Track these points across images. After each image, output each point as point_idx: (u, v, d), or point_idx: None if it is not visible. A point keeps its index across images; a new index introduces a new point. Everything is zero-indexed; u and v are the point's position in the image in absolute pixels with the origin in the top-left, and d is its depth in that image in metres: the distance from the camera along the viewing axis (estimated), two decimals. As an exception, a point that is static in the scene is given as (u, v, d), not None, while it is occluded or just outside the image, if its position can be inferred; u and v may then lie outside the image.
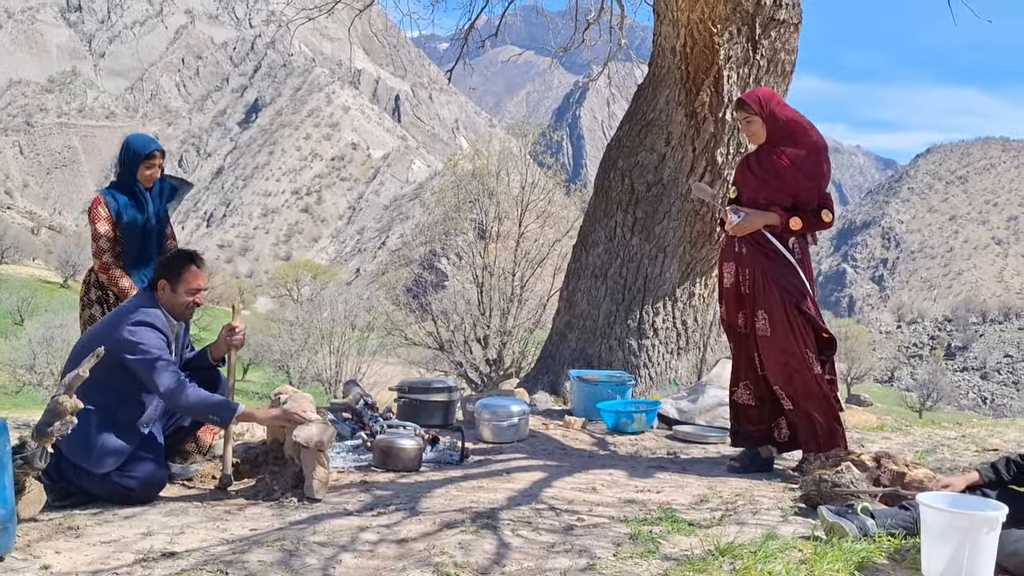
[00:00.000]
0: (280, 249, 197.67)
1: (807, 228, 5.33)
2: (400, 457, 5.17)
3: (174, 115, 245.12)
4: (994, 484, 3.83)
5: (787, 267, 5.30)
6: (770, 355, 5.37)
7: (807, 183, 5.31)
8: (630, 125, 8.46)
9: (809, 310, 5.30)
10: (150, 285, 4.59)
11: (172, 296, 4.52)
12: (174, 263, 4.57)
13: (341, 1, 11.64)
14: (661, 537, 3.73)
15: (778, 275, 5.29)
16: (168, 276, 4.52)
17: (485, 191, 29.34)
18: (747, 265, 5.39)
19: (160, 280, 4.53)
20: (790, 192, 5.32)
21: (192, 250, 4.74)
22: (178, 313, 4.57)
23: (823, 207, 5.33)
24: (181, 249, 4.86)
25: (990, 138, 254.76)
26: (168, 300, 4.53)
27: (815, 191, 5.32)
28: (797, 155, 5.32)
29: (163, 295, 4.52)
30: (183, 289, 4.52)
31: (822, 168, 5.34)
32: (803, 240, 5.39)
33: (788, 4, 7.69)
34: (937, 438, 7.55)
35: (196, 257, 4.64)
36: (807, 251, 5.44)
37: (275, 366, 44.82)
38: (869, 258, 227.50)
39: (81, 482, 4.27)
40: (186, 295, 4.53)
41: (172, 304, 4.53)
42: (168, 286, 4.51)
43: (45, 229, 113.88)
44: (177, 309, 4.55)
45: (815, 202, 5.33)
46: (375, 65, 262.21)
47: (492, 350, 26.76)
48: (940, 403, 60.53)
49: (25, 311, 49.62)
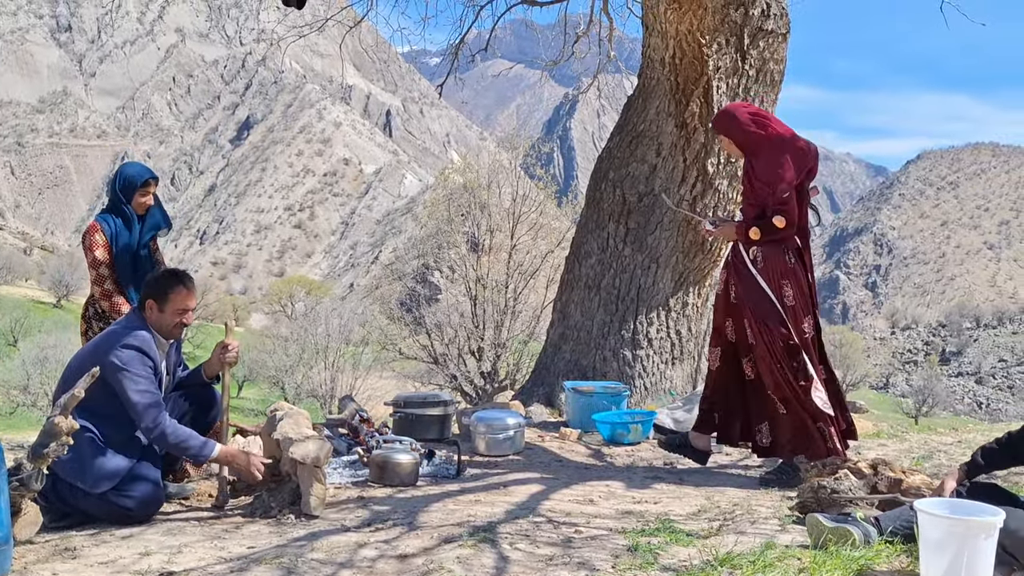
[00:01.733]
0: (273, 265, 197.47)
1: (766, 237, 5.37)
2: (397, 472, 5.16)
3: (166, 133, 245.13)
4: (974, 474, 3.89)
5: (750, 279, 5.42)
6: (757, 362, 5.46)
7: (765, 190, 5.40)
8: (620, 136, 8.48)
9: (766, 322, 5.37)
10: (139, 304, 4.59)
11: (160, 316, 4.51)
12: (162, 283, 4.55)
13: (331, 19, 11.68)
14: (659, 548, 3.72)
15: (744, 288, 5.43)
16: (156, 296, 4.50)
17: (477, 204, 29.36)
18: (732, 275, 5.53)
19: (148, 300, 4.51)
20: (757, 202, 5.43)
21: (181, 270, 4.72)
22: (165, 333, 4.56)
23: (777, 212, 5.34)
24: (170, 269, 4.82)
25: (980, 143, 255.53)
26: (156, 320, 4.51)
27: (771, 197, 5.37)
28: (756, 165, 5.45)
29: (151, 315, 4.51)
30: (170, 310, 4.51)
31: (775, 172, 5.37)
32: (771, 247, 5.42)
33: (776, 14, 7.73)
34: (933, 444, 7.57)
35: (185, 278, 4.62)
36: (778, 258, 5.43)
37: (270, 382, 44.77)
38: (862, 265, 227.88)
39: (78, 503, 4.26)
40: (173, 316, 4.52)
41: (159, 324, 4.52)
42: (156, 306, 4.50)
43: (37, 249, 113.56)
44: (164, 329, 4.54)
45: (771, 207, 5.36)
46: (366, 80, 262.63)
47: (486, 363, 26.73)
48: (936, 409, 60.58)
49: (18, 332, 49.51)
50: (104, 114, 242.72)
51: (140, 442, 4.45)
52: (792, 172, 5.38)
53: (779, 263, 5.41)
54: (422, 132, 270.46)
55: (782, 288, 5.37)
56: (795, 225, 5.38)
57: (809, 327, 5.47)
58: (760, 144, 5.48)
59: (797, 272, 5.45)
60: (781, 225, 5.30)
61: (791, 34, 7.98)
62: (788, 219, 5.31)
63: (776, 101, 8.15)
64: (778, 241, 5.39)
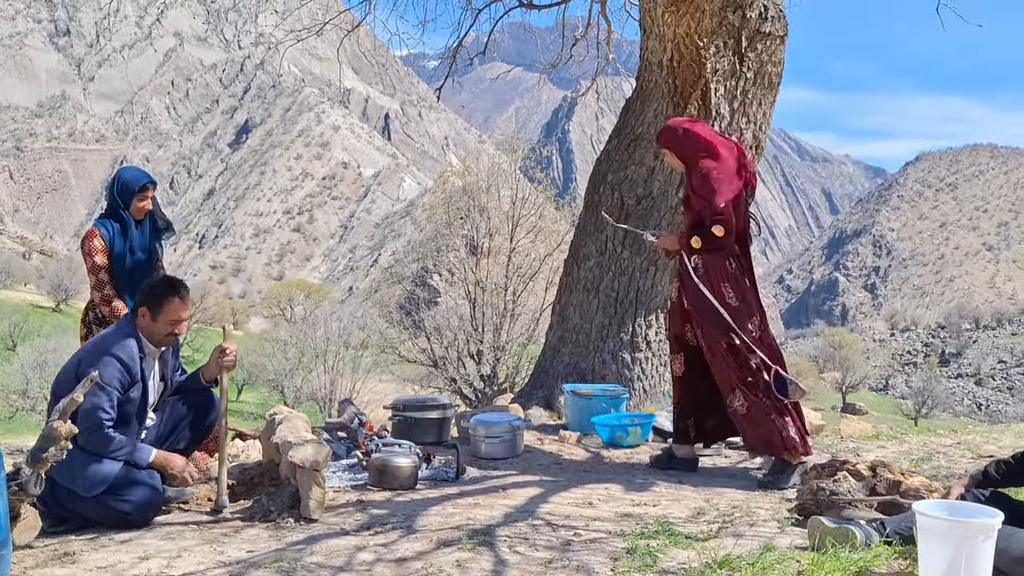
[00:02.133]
0: (272, 269, 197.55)
1: (707, 246, 5.53)
2: (396, 475, 5.16)
3: (164, 137, 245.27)
4: (985, 485, 3.87)
5: (692, 287, 5.63)
6: (711, 365, 5.69)
7: (700, 202, 5.57)
8: (619, 139, 8.49)
9: (710, 327, 5.57)
10: (132, 310, 4.57)
11: (152, 324, 4.48)
12: (157, 292, 4.51)
13: (330, 22, 11.68)
14: (659, 551, 3.72)
15: (689, 295, 5.69)
16: (150, 304, 4.48)
17: (476, 207, 29.37)
18: (681, 283, 5.79)
19: (142, 307, 4.49)
20: (697, 212, 5.61)
21: (177, 279, 4.67)
22: (156, 341, 4.54)
23: (715, 222, 5.46)
24: (167, 277, 4.74)
25: (979, 145, 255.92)
26: (147, 327, 4.49)
27: (708, 208, 5.50)
28: (694, 177, 5.65)
29: (143, 322, 4.49)
30: (163, 319, 4.48)
31: (711, 183, 5.51)
32: (712, 255, 5.58)
33: (774, 17, 7.74)
34: (933, 446, 7.56)
35: (180, 287, 4.58)
36: (719, 264, 5.60)
37: (269, 386, 44.74)
38: (861, 266, 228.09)
39: (76, 507, 4.25)
40: (166, 325, 4.49)
41: (151, 332, 4.50)
42: (149, 314, 4.47)
43: (36, 254, 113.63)
44: (156, 337, 4.52)
45: (709, 217, 5.49)
46: (364, 84, 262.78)
47: (486, 366, 26.73)
48: (935, 410, 60.61)
49: (17, 336, 49.47)
50: (103, 118, 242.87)
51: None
52: (728, 184, 5.56)
53: (720, 269, 5.59)
54: (421, 135, 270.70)
55: (724, 293, 5.56)
56: (733, 233, 5.55)
57: (755, 327, 5.63)
58: (696, 157, 5.66)
59: (738, 276, 5.64)
60: (720, 234, 5.46)
61: (788, 36, 7.99)
62: (727, 228, 5.47)
63: (774, 103, 8.16)
64: (718, 248, 5.55)
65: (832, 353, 79.85)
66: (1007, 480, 3.91)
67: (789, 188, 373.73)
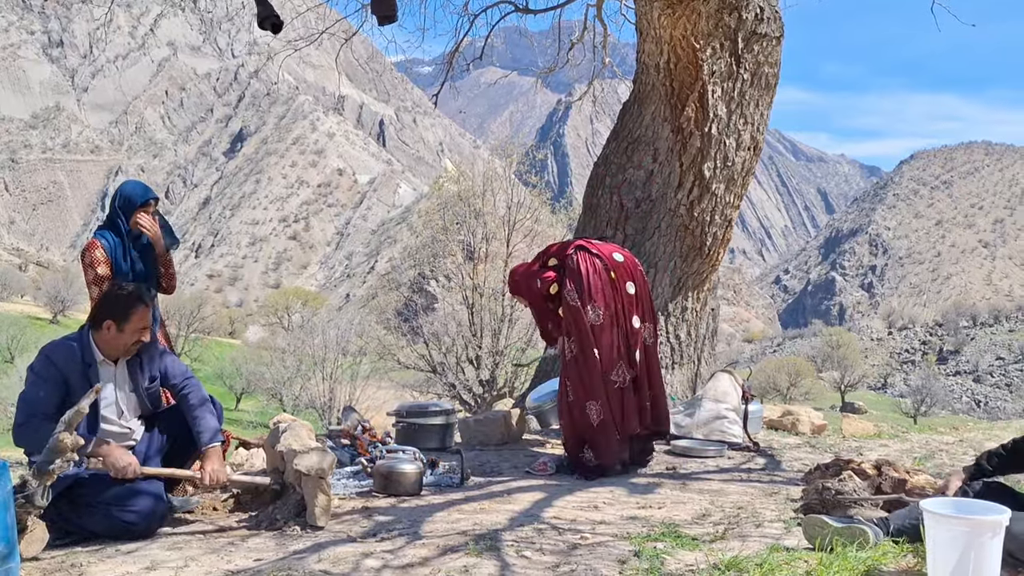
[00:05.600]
0: (269, 277, 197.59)
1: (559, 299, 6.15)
2: (401, 482, 5.16)
3: (159, 147, 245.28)
4: (979, 477, 3.90)
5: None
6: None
7: (539, 301, 6.28)
8: (617, 142, 8.49)
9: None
10: (93, 325, 4.50)
11: (118, 336, 4.45)
12: (124, 303, 4.47)
13: (327, 31, 11.68)
14: (665, 553, 3.72)
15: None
16: (117, 316, 4.44)
17: (472, 212, 29.40)
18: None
19: (107, 320, 4.44)
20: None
21: (139, 287, 4.64)
22: (121, 352, 4.51)
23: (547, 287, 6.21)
24: (127, 287, 4.65)
25: (973, 142, 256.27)
26: (111, 340, 4.45)
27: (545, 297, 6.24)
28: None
29: (106, 335, 4.45)
30: (130, 329, 4.45)
31: (534, 292, 6.23)
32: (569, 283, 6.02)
33: (769, 18, 7.75)
34: (934, 444, 7.57)
35: (144, 294, 4.56)
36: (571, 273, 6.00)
37: (268, 394, 44.72)
38: (857, 266, 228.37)
39: (81, 520, 4.22)
40: (133, 335, 4.47)
41: (116, 344, 4.46)
42: (115, 326, 4.43)
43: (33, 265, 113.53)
44: (120, 349, 4.49)
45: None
46: (358, 91, 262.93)
47: (485, 371, 26.74)
48: (934, 408, 60.67)
49: (15, 348, 49.45)
50: (97, 129, 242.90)
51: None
52: (533, 278, 6.23)
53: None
54: (416, 141, 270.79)
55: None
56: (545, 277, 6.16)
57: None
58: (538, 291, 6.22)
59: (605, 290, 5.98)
60: (551, 284, 6.15)
61: (784, 37, 8.01)
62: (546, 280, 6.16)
63: (771, 104, 8.17)
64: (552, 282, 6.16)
65: (830, 353, 79.94)
66: (1000, 470, 3.94)
67: (785, 189, 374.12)
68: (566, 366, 5.96)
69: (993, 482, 3.90)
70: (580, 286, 5.88)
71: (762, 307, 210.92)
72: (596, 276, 5.92)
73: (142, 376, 4.63)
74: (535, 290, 6.19)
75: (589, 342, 5.83)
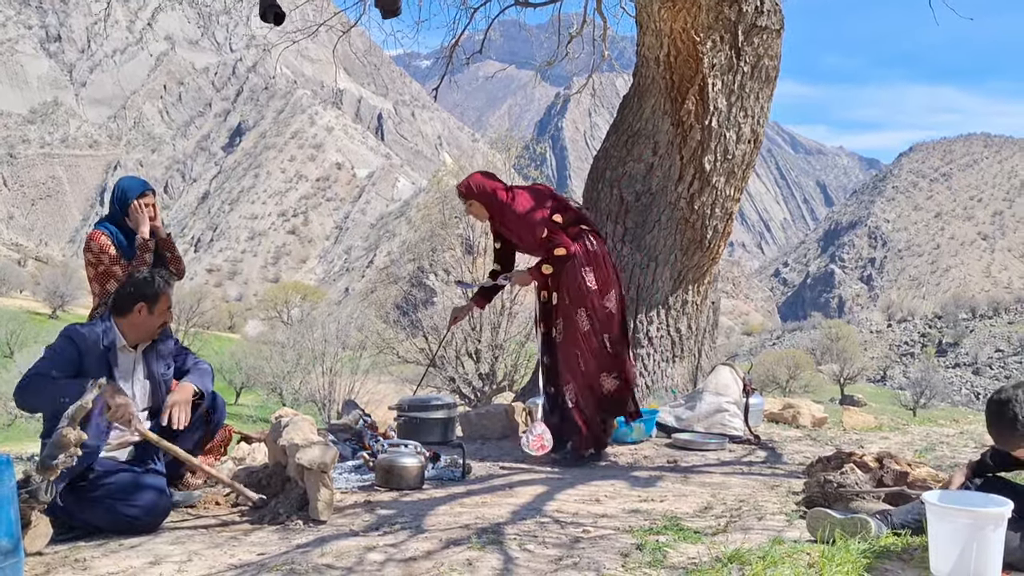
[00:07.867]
0: (268, 271, 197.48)
1: (558, 267, 5.99)
2: (403, 476, 5.16)
3: (158, 142, 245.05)
4: (983, 473, 3.90)
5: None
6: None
7: (528, 238, 6.08)
8: (617, 136, 8.49)
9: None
10: (119, 310, 4.55)
11: (148, 319, 4.54)
12: (153, 286, 4.58)
13: (324, 24, 11.66)
14: (668, 546, 3.73)
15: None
16: (148, 299, 4.53)
17: (471, 206, 29.35)
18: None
19: (139, 303, 4.52)
20: (532, 247, 6.15)
21: (160, 272, 4.80)
22: (147, 335, 4.60)
23: (554, 247, 5.96)
24: (152, 272, 4.79)
25: (972, 134, 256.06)
26: (141, 323, 4.53)
27: (538, 245, 6.04)
28: (508, 223, 6.17)
29: (137, 318, 4.52)
30: (159, 310, 4.56)
31: (532, 229, 6.02)
32: (579, 258, 6.02)
33: (769, 10, 7.75)
34: (935, 436, 7.58)
35: (170, 279, 4.76)
36: (592, 257, 6.07)
37: (268, 388, 44.76)
38: (857, 258, 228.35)
39: (83, 515, 4.23)
40: (160, 316, 4.58)
41: (145, 326, 4.55)
42: (146, 308, 4.52)
43: (32, 260, 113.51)
44: (149, 331, 4.58)
45: (543, 248, 6.02)
46: (356, 84, 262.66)
47: (484, 364, 26.74)
48: (934, 400, 60.77)
49: (14, 343, 49.45)
50: (96, 123, 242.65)
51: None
52: (539, 212, 6.04)
53: (594, 261, 6.09)
54: (414, 135, 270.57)
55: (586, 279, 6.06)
56: (572, 246, 5.98)
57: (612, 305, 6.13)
58: (503, 206, 6.12)
59: (598, 255, 6.09)
60: (563, 253, 5.96)
61: (784, 30, 8.00)
62: (564, 246, 5.96)
63: (771, 97, 8.17)
64: (566, 258, 5.99)
65: (829, 345, 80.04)
66: (1003, 466, 3.94)
67: (784, 181, 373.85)
68: (577, 340, 6.04)
69: (997, 477, 3.91)
70: (600, 272, 6.08)
71: (761, 300, 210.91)
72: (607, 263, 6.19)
73: (157, 363, 4.68)
74: (532, 223, 6.06)
75: (609, 323, 6.08)
